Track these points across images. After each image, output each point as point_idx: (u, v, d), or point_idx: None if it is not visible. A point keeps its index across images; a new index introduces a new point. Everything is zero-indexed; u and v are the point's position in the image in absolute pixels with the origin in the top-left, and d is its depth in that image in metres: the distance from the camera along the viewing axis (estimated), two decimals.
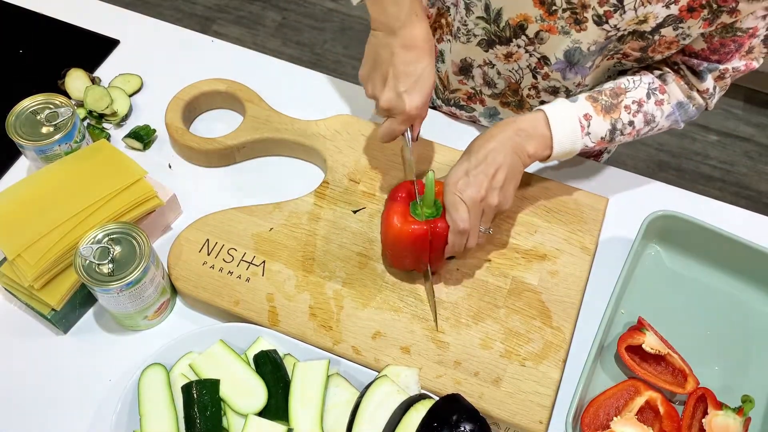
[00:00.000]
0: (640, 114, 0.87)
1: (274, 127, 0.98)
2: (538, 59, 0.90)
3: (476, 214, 0.79)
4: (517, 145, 0.82)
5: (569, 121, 0.84)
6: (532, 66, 0.92)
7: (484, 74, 0.97)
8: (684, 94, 0.89)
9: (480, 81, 0.99)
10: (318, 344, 0.80)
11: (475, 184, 0.78)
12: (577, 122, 0.84)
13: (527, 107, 0.98)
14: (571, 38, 0.84)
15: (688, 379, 0.80)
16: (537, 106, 0.94)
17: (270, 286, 0.84)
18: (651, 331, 0.82)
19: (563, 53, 0.87)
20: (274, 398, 0.75)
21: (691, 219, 0.87)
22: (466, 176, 0.79)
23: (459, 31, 0.93)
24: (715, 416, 0.78)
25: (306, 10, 2.52)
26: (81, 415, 0.79)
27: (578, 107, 0.85)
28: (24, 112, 0.90)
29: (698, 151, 2.20)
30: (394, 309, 0.83)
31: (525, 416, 0.76)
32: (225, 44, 1.14)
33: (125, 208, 0.84)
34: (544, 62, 0.90)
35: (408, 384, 0.75)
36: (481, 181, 0.79)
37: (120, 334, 0.85)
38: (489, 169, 0.79)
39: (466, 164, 0.80)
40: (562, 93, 0.93)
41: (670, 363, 0.82)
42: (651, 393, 0.79)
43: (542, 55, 0.89)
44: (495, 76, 0.97)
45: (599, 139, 0.85)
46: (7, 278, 0.82)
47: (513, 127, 0.83)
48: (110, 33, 1.14)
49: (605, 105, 0.85)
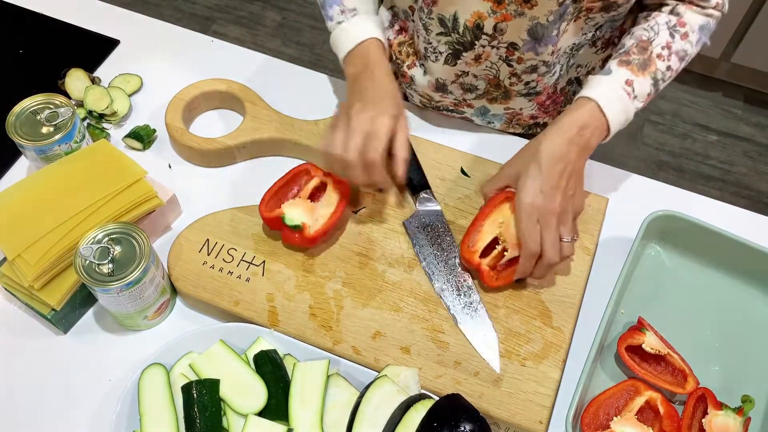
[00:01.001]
0: (673, 56, 0.86)
1: (274, 127, 0.98)
2: (506, 47, 0.90)
3: (555, 232, 0.78)
4: (584, 145, 0.81)
5: (615, 95, 0.83)
6: (504, 57, 0.91)
7: (461, 85, 0.98)
8: (701, 16, 0.88)
9: (459, 92, 0.99)
10: (318, 344, 0.80)
11: (551, 201, 0.78)
12: (623, 92, 0.83)
13: (514, 95, 0.98)
14: (527, 17, 0.84)
15: (688, 378, 0.80)
16: (522, 90, 0.94)
17: (270, 286, 0.84)
18: (651, 331, 0.82)
19: (526, 33, 0.86)
20: (274, 398, 0.75)
21: (691, 219, 0.87)
22: (541, 194, 0.79)
23: (427, 51, 0.95)
24: (715, 416, 0.78)
25: (306, 10, 2.52)
26: (81, 415, 0.79)
27: (616, 78, 0.84)
28: (24, 112, 0.90)
29: (698, 151, 2.20)
30: (394, 309, 0.83)
31: (525, 416, 0.76)
32: (225, 44, 1.14)
33: (125, 208, 0.84)
34: (513, 48, 0.89)
35: (408, 384, 0.75)
36: (557, 196, 0.78)
37: (120, 334, 0.85)
38: (562, 182, 0.79)
39: (538, 181, 0.79)
40: (541, 67, 0.92)
41: (670, 363, 0.82)
42: (651, 393, 0.79)
43: (508, 42, 0.89)
44: (473, 81, 0.97)
45: (645, 97, 0.85)
46: (7, 278, 0.82)
47: (573, 127, 0.81)
48: (110, 33, 1.14)
49: (639, 63, 0.85)
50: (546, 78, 0.95)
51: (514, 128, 1.06)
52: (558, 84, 0.99)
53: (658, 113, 2.27)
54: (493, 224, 0.85)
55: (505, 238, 0.83)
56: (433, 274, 0.85)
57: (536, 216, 0.78)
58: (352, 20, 0.90)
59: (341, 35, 0.90)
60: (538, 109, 1.01)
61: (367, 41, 0.89)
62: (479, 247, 0.84)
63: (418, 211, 0.90)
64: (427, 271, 0.86)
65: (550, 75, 0.95)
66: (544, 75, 0.94)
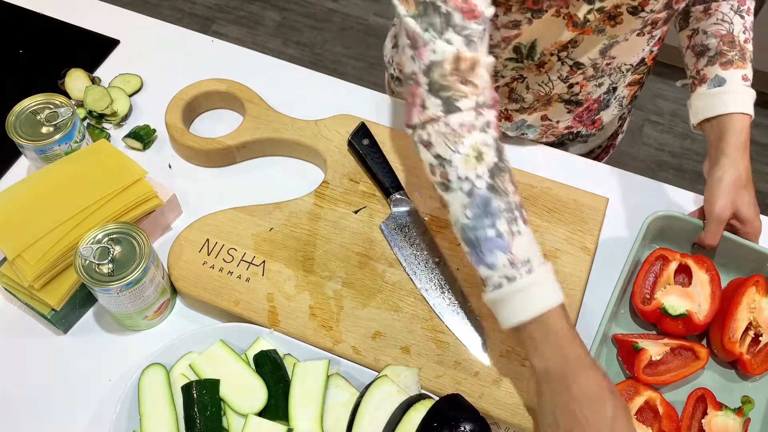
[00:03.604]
0: (749, 32, 0.88)
1: (274, 127, 0.98)
2: (570, 67, 0.89)
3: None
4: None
5: (744, 96, 0.85)
6: (563, 76, 0.91)
7: (511, 91, 0.95)
8: None
9: (505, 101, 0.97)
10: (318, 344, 0.80)
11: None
12: (746, 88, 0.85)
13: (555, 99, 0.96)
14: (606, 35, 0.84)
15: (697, 349, 0.80)
16: (565, 94, 0.94)
17: (270, 286, 0.84)
18: (647, 340, 0.82)
19: (598, 52, 0.86)
20: (274, 398, 0.75)
21: (691, 219, 0.87)
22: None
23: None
24: (714, 417, 0.78)
25: (306, 10, 2.52)
26: (81, 415, 0.79)
27: (734, 81, 0.85)
28: (24, 112, 0.90)
29: (698, 151, 2.20)
30: (394, 309, 0.83)
31: (525, 416, 0.76)
32: (225, 44, 1.14)
33: (125, 208, 0.84)
34: (577, 68, 0.89)
35: (408, 384, 0.75)
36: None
37: (120, 334, 0.85)
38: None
39: (753, 206, 0.84)
40: (589, 69, 0.92)
41: (674, 349, 0.82)
42: (650, 393, 0.79)
43: (575, 61, 0.88)
44: (523, 92, 0.95)
45: (750, 79, 0.87)
46: (7, 278, 0.82)
47: (746, 145, 0.83)
48: (110, 33, 1.14)
49: (738, 57, 0.86)
50: (591, 86, 0.94)
51: (547, 138, 1.04)
52: (599, 95, 0.98)
53: (658, 113, 2.27)
54: (743, 312, 0.82)
55: (759, 323, 0.81)
56: (414, 274, 0.85)
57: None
58: (526, 278, 0.67)
59: (512, 300, 0.68)
60: (573, 119, 1.00)
61: (550, 312, 0.67)
62: (738, 337, 0.80)
63: (393, 212, 0.90)
64: (408, 272, 0.86)
65: (596, 85, 0.94)
66: (590, 80, 0.93)
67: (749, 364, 0.81)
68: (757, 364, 0.81)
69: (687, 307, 0.81)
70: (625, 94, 1.00)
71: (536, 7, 0.79)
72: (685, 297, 0.83)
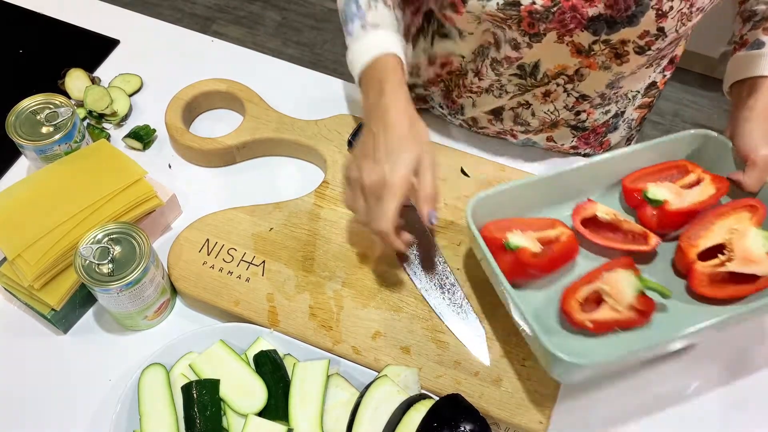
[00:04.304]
0: None
1: (274, 127, 0.98)
2: (576, 98, 0.89)
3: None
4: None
5: None
6: (569, 106, 0.91)
7: (515, 116, 0.96)
8: None
9: (510, 123, 0.98)
10: (318, 344, 0.80)
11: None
12: None
13: (561, 124, 0.96)
14: (612, 72, 0.84)
15: (649, 236, 0.79)
16: (572, 120, 0.94)
17: (270, 286, 0.84)
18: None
19: (604, 86, 0.87)
20: (274, 398, 0.75)
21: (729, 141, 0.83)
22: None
23: (492, 87, 0.92)
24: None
25: (306, 10, 2.52)
26: (81, 415, 0.79)
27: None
28: (24, 112, 0.90)
29: None
30: (394, 309, 0.83)
31: (525, 416, 0.76)
32: (225, 44, 1.14)
33: (125, 208, 0.84)
34: (583, 99, 0.89)
35: (408, 384, 0.75)
36: None
37: (120, 334, 0.85)
38: None
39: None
40: (596, 98, 0.92)
41: (629, 230, 0.80)
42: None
43: (581, 94, 0.88)
44: (529, 117, 0.95)
45: None
46: (7, 278, 0.82)
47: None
48: (110, 33, 1.14)
49: None
50: (597, 113, 0.94)
51: (551, 154, 1.04)
52: (606, 119, 0.98)
53: (658, 113, 2.27)
54: (723, 228, 0.76)
55: (734, 248, 0.75)
56: (414, 274, 0.85)
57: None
58: (371, 33, 0.81)
59: (358, 50, 0.81)
60: (578, 139, 1.00)
61: (384, 57, 0.79)
62: (701, 245, 0.76)
63: None
64: (408, 272, 0.86)
65: (603, 112, 0.94)
66: (597, 107, 0.93)
67: (698, 279, 0.75)
68: (705, 283, 0.75)
69: (666, 198, 0.78)
70: (634, 116, 1.00)
71: (532, 30, 0.80)
72: (675, 194, 0.79)
